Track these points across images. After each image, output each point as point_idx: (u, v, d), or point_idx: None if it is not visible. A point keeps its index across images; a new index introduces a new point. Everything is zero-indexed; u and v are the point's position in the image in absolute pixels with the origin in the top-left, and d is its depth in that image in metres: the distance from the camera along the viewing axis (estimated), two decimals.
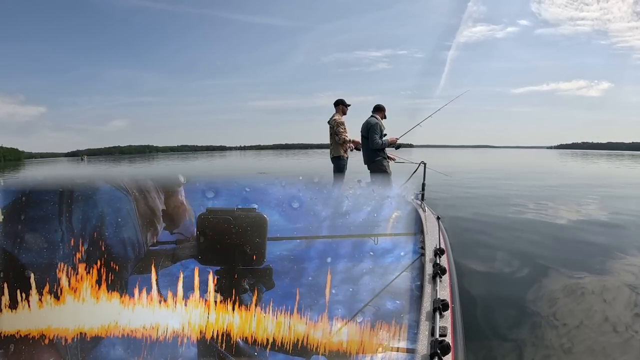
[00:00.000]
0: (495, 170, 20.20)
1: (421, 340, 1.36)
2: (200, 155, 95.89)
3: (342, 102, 5.41)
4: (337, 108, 5.40)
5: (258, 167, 25.10)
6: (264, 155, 61.63)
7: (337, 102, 5.44)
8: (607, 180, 15.24)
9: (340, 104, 5.40)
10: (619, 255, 4.42)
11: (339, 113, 5.38)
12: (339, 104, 5.41)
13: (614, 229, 5.90)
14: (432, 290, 1.64)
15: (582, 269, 3.88)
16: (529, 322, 2.79)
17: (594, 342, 2.53)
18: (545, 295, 3.28)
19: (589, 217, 6.99)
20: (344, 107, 5.42)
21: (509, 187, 12.01)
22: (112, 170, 28.66)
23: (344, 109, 5.42)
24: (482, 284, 3.55)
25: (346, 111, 5.45)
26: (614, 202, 8.62)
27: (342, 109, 5.41)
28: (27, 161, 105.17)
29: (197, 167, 31.34)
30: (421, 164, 4.76)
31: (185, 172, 15.95)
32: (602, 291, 3.34)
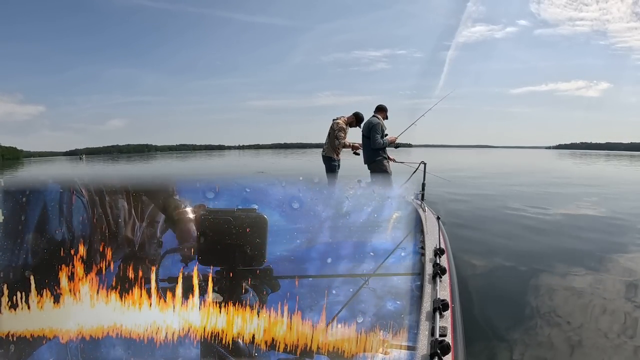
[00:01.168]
0: (495, 170, 20.24)
1: (421, 340, 1.36)
2: (198, 154, 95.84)
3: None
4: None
5: (257, 166, 25.10)
6: (262, 155, 61.60)
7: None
8: (605, 180, 15.29)
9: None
10: (618, 253, 4.44)
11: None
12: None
13: (612, 228, 5.93)
14: (432, 290, 1.64)
15: (582, 268, 3.90)
16: (529, 321, 2.80)
17: (594, 342, 2.54)
18: (545, 294, 3.29)
19: (588, 216, 7.03)
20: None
21: (509, 187, 12.05)
22: (111, 170, 28.61)
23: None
24: (482, 284, 3.56)
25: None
26: (611, 202, 8.66)
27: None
28: (25, 160, 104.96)
29: (194, 166, 31.31)
30: (421, 164, 4.76)
31: (182, 171, 15.92)
32: (601, 290, 3.36)
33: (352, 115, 5.26)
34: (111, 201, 1.48)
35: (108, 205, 1.47)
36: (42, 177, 1.45)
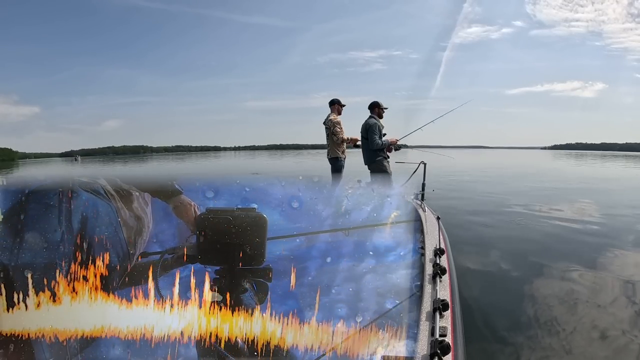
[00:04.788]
0: (493, 170, 20.30)
1: (421, 340, 1.35)
2: (194, 155, 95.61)
3: (337, 102, 5.37)
4: (332, 107, 5.36)
5: (252, 168, 25.07)
6: (258, 156, 61.54)
7: (332, 101, 5.38)
8: (602, 180, 15.38)
9: (336, 104, 5.36)
10: (616, 252, 4.47)
11: (335, 113, 5.34)
12: (334, 103, 5.36)
13: (610, 227, 5.96)
14: (432, 290, 1.64)
15: (582, 268, 3.92)
16: (529, 322, 2.81)
17: (594, 341, 2.54)
18: (545, 294, 3.30)
19: (587, 216, 7.05)
20: (339, 107, 5.38)
21: (508, 187, 12.09)
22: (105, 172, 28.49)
23: (339, 108, 5.38)
24: (482, 284, 3.57)
25: (341, 111, 5.40)
26: (609, 201, 8.71)
27: (338, 109, 5.37)
28: (21, 161, 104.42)
29: (189, 167, 31.21)
30: (421, 164, 4.76)
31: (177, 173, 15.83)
32: (601, 290, 3.37)
33: (332, 106, 5.37)
34: (111, 201, 1.47)
35: (108, 205, 1.46)
36: (40, 177, 1.44)
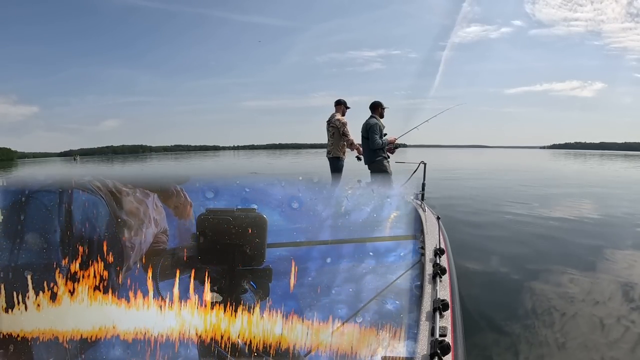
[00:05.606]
0: (492, 170, 20.30)
1: (421, 340, 1.35)
2: (193, 155, 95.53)
3: (343, 103, 5.34)
4: (338, 107, 5.33)
5: (250, 167, 25.03)
6: (256, 155, 61.50)
7: (338, 101, 5.36)
8: (601, 180, 15.39)
9: (342, 104, 5.33)
10: (616, 252, 4.47)
11: (340, 113, 5.31)
12: (340, 103, 5.33)
13: (609, 227, 5.97)
14: (432, 290, 1.64)
15: (581, 268, 3.92)
16: (529, 321, 2.81)
17: (593, 341, 2.55)
18: (545, 294, 3.30)
19: (587, 216, 7.05)
20: (344, 109, 5.35)
21: (507, 187, 12.09)
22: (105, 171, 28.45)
23: (344, 110, 5.35)
24: (482, 284, 3.57)
25: (345, 113, 5.37)
26: (607, 201, 8.72)
27: (342, 110, 5.34)
28: (20, 161, 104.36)
29: (187, 167, 31.13)
30: (421, 164, 4.76)
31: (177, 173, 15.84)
32: (600, 290, 3.37)
33: (338, 106, 5.35)
34: (110, 201, 1.47)
35: (108, 205, 1.46)
36: (40, 177, 1.44)
